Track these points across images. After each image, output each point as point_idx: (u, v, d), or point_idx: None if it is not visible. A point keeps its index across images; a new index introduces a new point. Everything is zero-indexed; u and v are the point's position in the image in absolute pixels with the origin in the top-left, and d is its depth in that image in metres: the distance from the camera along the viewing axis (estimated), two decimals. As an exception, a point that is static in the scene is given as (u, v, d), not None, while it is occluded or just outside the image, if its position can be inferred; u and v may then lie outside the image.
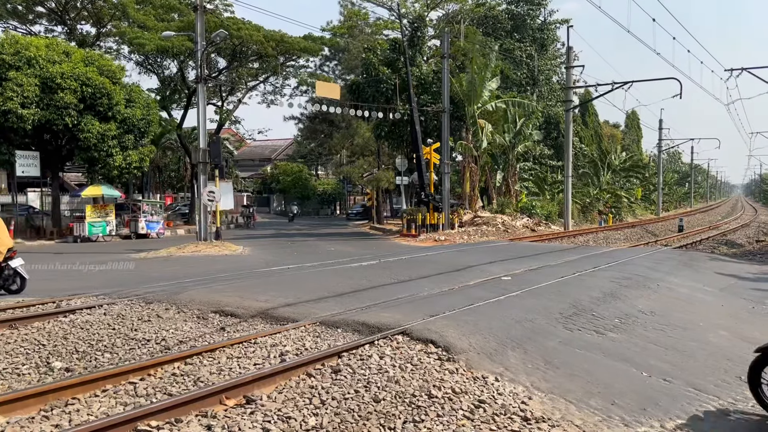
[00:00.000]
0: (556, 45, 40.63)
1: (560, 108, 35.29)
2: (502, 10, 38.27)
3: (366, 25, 39.36)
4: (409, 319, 6.91)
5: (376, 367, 5.44)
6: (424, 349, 5.99)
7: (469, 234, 24.86)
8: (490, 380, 5.23)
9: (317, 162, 58.54)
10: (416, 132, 25.53)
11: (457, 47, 30.54)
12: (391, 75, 28.42)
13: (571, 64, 30.03)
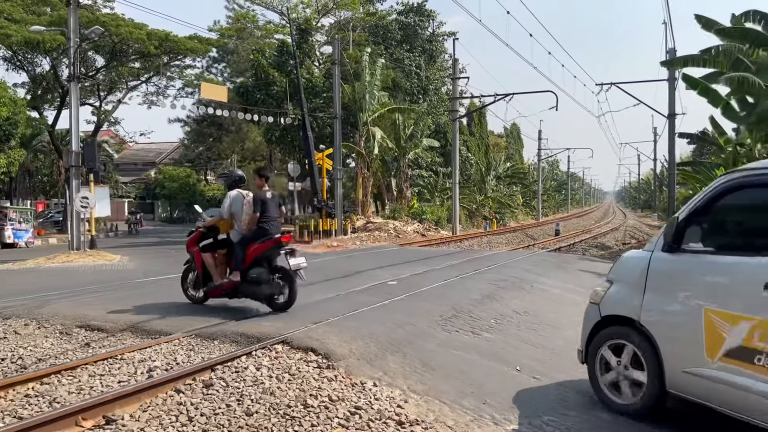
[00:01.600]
0: (444, 56, 41.98)
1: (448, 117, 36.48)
2: (393, 20, 38.99)
3: (256, 27, 38.67)
4: (291, 328, 6.77)
5: (251, 379, 5.26)
6: (304, 357, 5.88)
7: (362, 239, 25.02)
8: (368, 386, 5.21)
9: (206, 167, 56.54)
10: (308, 137, 25.34)
11: (349, 54, 30.74)
12: (282, 78, 28.07)
13: (457, 76, 31.13)
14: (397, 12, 40.14)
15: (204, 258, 8.18)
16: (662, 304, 4.72)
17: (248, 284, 7.95)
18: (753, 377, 4.00)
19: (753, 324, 4.01)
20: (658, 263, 4.80)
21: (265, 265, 7.96)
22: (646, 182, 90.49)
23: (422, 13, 39.56)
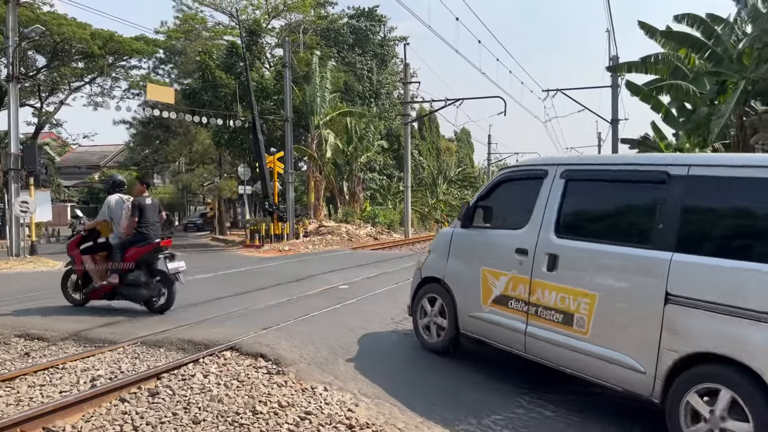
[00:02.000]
0: (395, 61, 42.24)
1: (400, 121, 36.72)
2: (344, 24, 39.01)
3: (204, 29, 38.01)
4: (240, 333, 6.68)
5: (198, 386, 5.17)
6: (254, 363, 5.81)
7: (314, 243, 24.87)
8: (318, 390, 5.19)
9: (152, 170, 55.07)
10: (259, 140, 25.03)
11: (300, 57, 30.57)
12: (230, 80, 27.67)
13: (408, 80, 31.38)
14: (348, 16, 40.21)
15: (84, 261, 8.38)
16: (457, 267, 6.19)
17: (127, 287, 8.22)
18: (506, 316, 5.52)
19: (508, 278, 5.53)
20: (457, 236, 6.34)
21: (144, 269, 8.25)
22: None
23: (373, 18, 39.75)
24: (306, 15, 38.49)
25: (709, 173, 4.43)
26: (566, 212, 5.30)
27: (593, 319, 4.75)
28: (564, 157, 6.50)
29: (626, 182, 4.99)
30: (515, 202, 5.90)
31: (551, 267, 5.12)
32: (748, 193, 4.13)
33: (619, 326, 4.59)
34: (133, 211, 8.28)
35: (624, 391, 4.63)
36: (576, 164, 5.64)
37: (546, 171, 5.57)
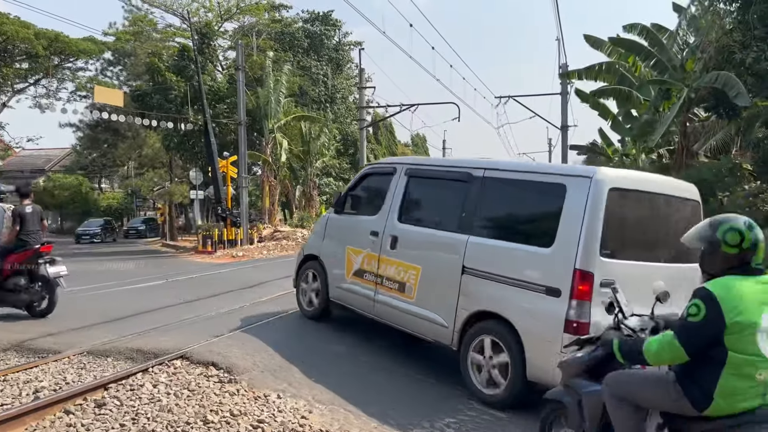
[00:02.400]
0: (350, 66, 42.26)
1: (356, 126, 36.72)
2: (299, 28, 38.80)
3: (155, 31, 37.20)
4: (191, 342, 6.55)
5: (147, 396, 5.04)
6: (205, 372, 5.70)
7: (269, 249, 24.57)
8: (272, 398, 5.13)
9: (101, 174, 53.54)
10: (211, 144, 24.59)
11: (254, 61, 30.26)
12: (181, 83, 27.16)
13: (363, 85, 31.45)
14: (302, 20, 40.01)
15: None
16: (330, 246, 7.47)
17: (7, 293, 8.29)
18: (362, 286, 6.77)
19: (364, 255, 6.79)
20: (331, 220, 7.68)
21: (25, 275, 8.33)
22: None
23: (328, 23, 39.65)
24: (260, 18, 38.12)
25: (495, 175, 5.80)
26: (406, 202, 6.62)
27: (418, 287, 6.10)
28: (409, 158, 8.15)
29: (445, 180, 6.47)
30: (373, 193, 7.23)
31: (393, 246, 6.44)
32: (513, 190, 5.72)
33: (434, 292, 5.91)
34: (14, 219, 8.36)
35: (434, 341, 5.99)
36: (415, 164, 6.98)
37: (395, 168, 6.87)
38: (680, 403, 3.05)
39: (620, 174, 5.52)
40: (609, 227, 4.89)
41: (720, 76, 14.61)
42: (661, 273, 4.75)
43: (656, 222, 5.42)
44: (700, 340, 2.95)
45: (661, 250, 5.31)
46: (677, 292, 4.21)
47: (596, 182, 4.92)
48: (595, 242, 4.83)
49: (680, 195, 5.63)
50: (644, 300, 3.99)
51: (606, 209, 4.87)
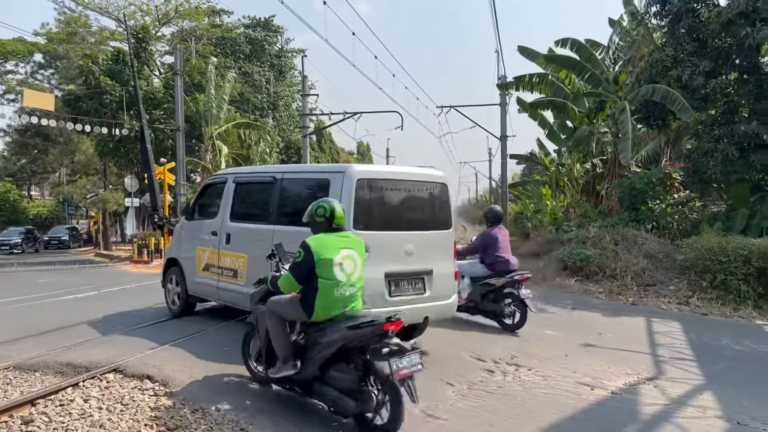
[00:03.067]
0: (293, 72, 42.02)
1: (299, 134, 36.49)
2: (240, 33, 38.31)
3: (89, 33, 35.93)
4: (125, 354, 6.34)
5: (78, 412, 4.85)
6: (139, 385, 5.53)
7: (207, 258, 24.06)
8: (209, 411, 5.01)
9: (30, 181, 51.12)
10: (147, 150, 23.85)
11: (192, 66, 29.65)
12: (117, 87, 26.32)
13: (307, 92, 31.26)
14: (244, 25, 39.53)
15: None
16: (185, 248, 8.81)
17: None
18: (209, 279, 8.16)
19: (209, 252, 8.19)
20: (184, 226, 9.04)
21: None
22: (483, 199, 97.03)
23: (270, 28, 39.34)
24: (199, 23, 37.43)
25: (288, 177, 7.48)
26: (235, 205, 8.07)
27: (246, 272, 7.44)
28: (237, 169, 9.85)
29: (259, 184, 7.99)
30: (212, 200, 8.59)
31: (228, 241, 7.86)
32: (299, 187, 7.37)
33: (255, 273, 6.73)
34: None
35: None
36: (239, 173, 8.58)
37: (226, 178, 8.37)
38: (300, 314, 4.98)
39: (366, 168, 7.07)
40: (359, 207, 6.38)
41: (656, 90, 15.26)
42: (411, 239, 6.80)
43: (403, 200, 7.02)
44: (303, 273, 4.92)
45: (409, 221, 7.00)
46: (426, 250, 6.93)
47: (347, 175, 6.47)
48: (350, 218, 6.21)
49: (428, 179, 7.31)
50: (397, 258, 6.63)
51: (356, 194, 6.37)
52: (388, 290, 6.58)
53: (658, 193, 16.27)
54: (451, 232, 7.42)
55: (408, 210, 7.09)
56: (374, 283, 6.31)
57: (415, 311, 6.47)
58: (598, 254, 13.67)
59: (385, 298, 6.53)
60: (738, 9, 13.78)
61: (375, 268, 6.23)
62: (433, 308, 6.89)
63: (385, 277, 6.55)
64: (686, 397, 5.90)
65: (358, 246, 5.13)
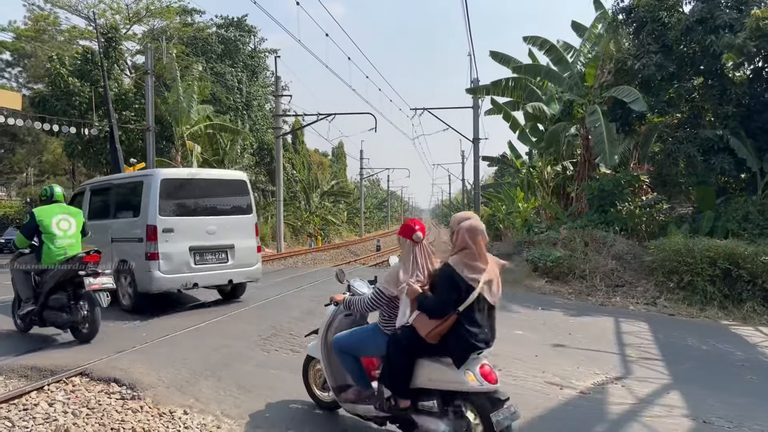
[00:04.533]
0: (266, 73, 41.73)
1: (272, 135, 36.25)
2: (212, 33, 37.93)
3: (58, 31, 35.21)
4: (91, 357, 6.24)
5: (42, 416, 4.76)
6: (106, 389, 5.45)
7: (178, 260, 23.75)
8: (177, 414, 4.97)
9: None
10: (117, 150, 23.43)
11: (164, 65, 29.27)
12: (85, 87, 25.83)
13: (280, 93, 31.09)
14: (216, 25, 39.16)
15: None
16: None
17: None
18: None
19: None
20: None
21: None
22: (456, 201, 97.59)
23: (242, 28, 39.03)
24: (170, 22, 36.97)
25: (117, 182, 10.40)
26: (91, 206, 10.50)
27: None
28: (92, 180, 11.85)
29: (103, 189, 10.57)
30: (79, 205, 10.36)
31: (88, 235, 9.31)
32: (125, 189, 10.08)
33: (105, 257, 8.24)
34: None
35: None
36: (91, 183, 11.11)
37: (86, 188, 10.97)
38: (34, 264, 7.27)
39: (169, 171, 10.14)
40: (164, 199, 9.09)
41: (619, 88, 15.58)
42: (214, 222, 9.61)
43: (205, 194, 9.63)
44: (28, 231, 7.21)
45: (212, 208, 9.70)
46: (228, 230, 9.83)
47: (154, 177, 9.23)
48: (156, 209, 9.01)
49: (228, 178, 10.43)
50: (200, 236, 9.42)
51: (160, 190, 9.08)
52: (193, 260, 9.29)
53: (627, 196, 16.55)
54: (251, 217, 10.42)
55: (210, 200, 9.69)
56: (181, 255, 9.16)
57: (221, 275, 9.70)
58: (567, 256, 13.85)
59: (191, 265, 9.25)
60: (696, 16, 14.17)
61: (181, 243, 9.18)
62: (237, 273, 9.94)
63: (189, 250, 9.28)
64: (653, 396, 6.01)
65: (73, 213, 7.45)
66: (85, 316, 7.08)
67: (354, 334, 4.64)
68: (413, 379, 4.20)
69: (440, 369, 4.10)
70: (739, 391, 6.40)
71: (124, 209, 9.79)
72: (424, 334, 4.00)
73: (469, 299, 3.93)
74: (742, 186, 15.77)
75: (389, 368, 4.24)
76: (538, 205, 22.01)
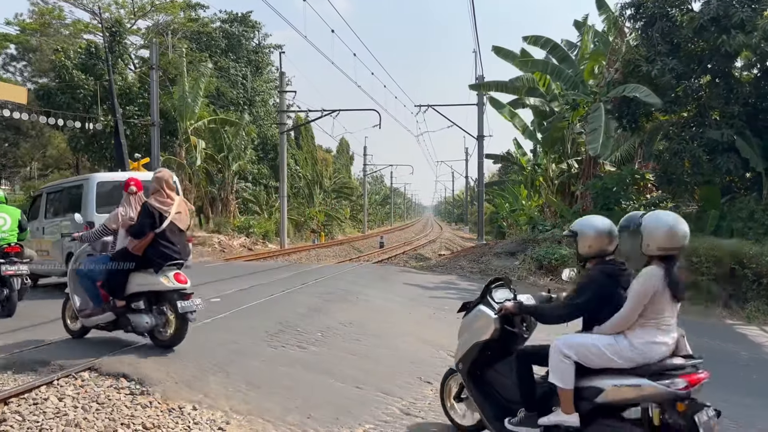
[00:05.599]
0: (270, 69, 41.69)
1: (276, 130, 36.25)
2: (217, 28, 37.91)
3: (62, 25, 35.23)
4: (100, 352, 6.26)
5: (53, 410, 4.78)
6: (115, 384, 5.46)
7: (183, 255, 23.78)
8: (186, 410, 4.98)
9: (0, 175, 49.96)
10: (122, 145, 23.41)
11: (168, 60, 29.28)
12: (90, 81, 25.86)
13: (284, 89, 31.12)
14: (221, 20, 39.14)
15: None
16: None
17: None
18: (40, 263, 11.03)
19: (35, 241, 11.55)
20: None
21: None
22: (460, 198, 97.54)
23: (247, 24, 39.03)
24: (175, 17, 36.96)
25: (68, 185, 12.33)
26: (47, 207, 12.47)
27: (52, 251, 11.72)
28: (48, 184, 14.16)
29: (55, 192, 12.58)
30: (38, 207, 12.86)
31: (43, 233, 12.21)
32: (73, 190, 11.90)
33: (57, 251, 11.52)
34: None
35: None
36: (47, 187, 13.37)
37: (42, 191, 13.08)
38: None
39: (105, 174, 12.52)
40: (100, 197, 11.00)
41: (628, 87, 15.47)
42: None
43: None
44: None
45: None
46: None
47: (91, 181, 11.37)
48: (93, 207, 10.91)
49: None
50: None
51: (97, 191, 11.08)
52: None
53: (631, 194, 16.48)
54: None
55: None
56: None
57: None
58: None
59: None
60: (710, 14, 14.06)
61: None
62: None
63: None
64: (659, 395, 6.01)
65: (10, 212, 8.94)
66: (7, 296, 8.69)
67: (92, 261, 6.67)
68: (128, 286, 6.27)
69: (145, 276, 6.23)
70: (746, 390, 6.39)
71: (70, 209, 11.05)
72: (131, 248, 6.19)
73: (164, 224, 6.17)
74: (747, 185, 15.72)
75: (109, 276, 6.31)
76: (542, 203, 21.98)
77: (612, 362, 3.59)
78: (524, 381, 4.04)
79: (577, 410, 3.66)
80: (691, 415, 3.36)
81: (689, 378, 3.48)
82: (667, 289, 3.61)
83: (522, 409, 4.01)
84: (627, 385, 3.51)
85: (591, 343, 3.69)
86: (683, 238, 3.60)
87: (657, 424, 3.43)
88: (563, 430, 3.74)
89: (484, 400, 4.30)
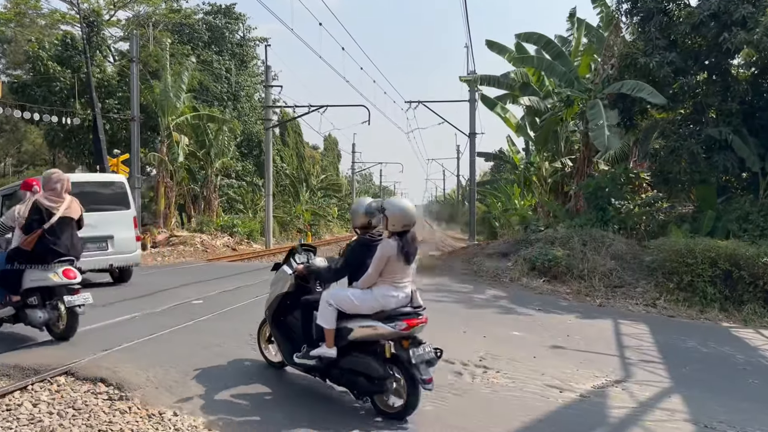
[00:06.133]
0: (256, 62, 41.21)
1: (261, 126, 35.77)
2: (199, 20, 37.35)
3: (39, 15, 34.47)
4: (77, 356, 5.94)
5: (26, 417, 4.48)
6: (93, 389, 5.16)
7: (164, 255, 23.28)
8: (167, 416, 4.69)
9: (-27, 171, 48.87)
10: (100, 140, 22.94)
11: (149, 53, 28.73)
12: (67, 74, 25.27)
13: (270, 83, 30.60)
14: (204, 12, 38.58)
15: None
16: None
17: None
18: None
19: None
20: None
21: None
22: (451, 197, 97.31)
23: (231, 16, 38.51)
24: (156, 8, 36.34)
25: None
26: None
27: None
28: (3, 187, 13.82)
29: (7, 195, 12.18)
30: None
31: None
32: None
33: None
34: None
35: None
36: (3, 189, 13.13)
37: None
38: None
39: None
40: None
41: (625, 83, 15.23)
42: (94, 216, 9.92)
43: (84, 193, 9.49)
44: None
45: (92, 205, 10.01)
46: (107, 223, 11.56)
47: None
48: None
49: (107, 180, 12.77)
50: None
51: None
52: None
53: (624, 193, 16.22)
54: (129, 212, 12.29)
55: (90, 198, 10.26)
56: None
57: (102, 261, 11.63)
58: (566, 255, 13.52)
59: None
60: (710, 10, 13.93)
61: None
62: (116, 259, 11.88)
63: None
64: (654, 400, 5.88)
65: None
66: None
67: None
68: (22, 282, 6.53)
69: (37, 273, 6.51)
70: (742, 395, 6.28)
71: None
72: (21, 243, 6.44)
73: (52, 220, 6.48)
74: (744, 185, 15.65)
75: (3, 272, 6.53)
76: (535, 202, 21.82)
77: (360, 308, 4.73)
78: (306, 323, 5.12)
79: (337, 346, 4.80)
80: (408, 349, 4.51)
81: (409, 321, 4.60)
82: (401, 255, 4.67)
83: (305, 345, 5.10)
84: (367, 325, 4.70)
85: (346, 294, 4.83)
86: (413, 216, 4.75)
87: (388, 356, 4.54)
88: (326, 360, 4.87)
89: (283, 340, 5.50)
